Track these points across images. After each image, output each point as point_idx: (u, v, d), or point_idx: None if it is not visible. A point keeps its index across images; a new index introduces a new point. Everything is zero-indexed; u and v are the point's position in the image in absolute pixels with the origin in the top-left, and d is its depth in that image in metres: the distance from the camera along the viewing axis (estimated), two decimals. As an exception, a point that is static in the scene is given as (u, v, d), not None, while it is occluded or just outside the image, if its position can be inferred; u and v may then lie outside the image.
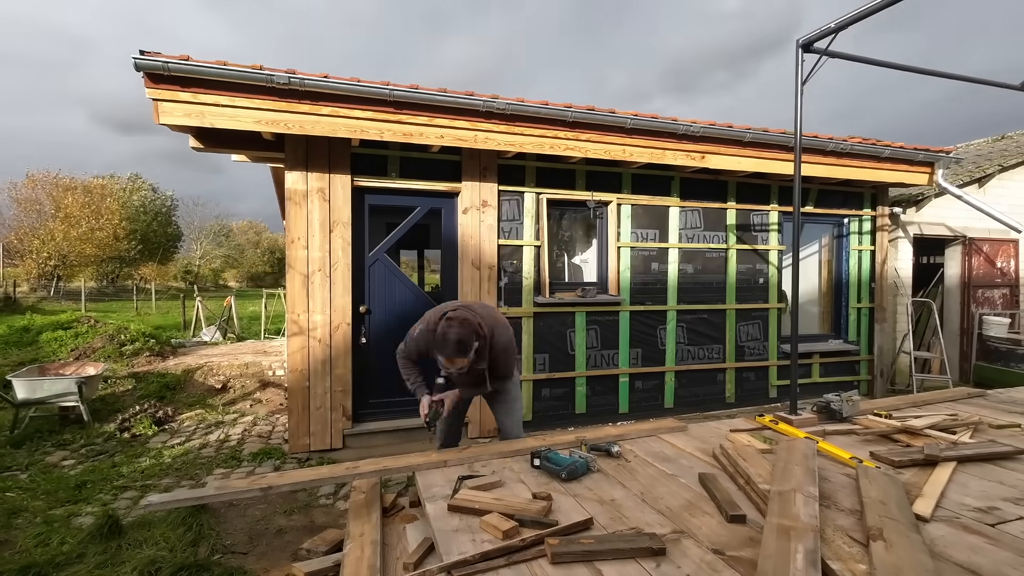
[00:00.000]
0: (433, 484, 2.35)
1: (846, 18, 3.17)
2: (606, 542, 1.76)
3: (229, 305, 11.92)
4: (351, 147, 4.57)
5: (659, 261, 5.61)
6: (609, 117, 4.72)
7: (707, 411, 5.79)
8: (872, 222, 6.60)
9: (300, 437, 4.46)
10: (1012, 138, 9.81)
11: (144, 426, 5.14)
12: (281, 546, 3.04)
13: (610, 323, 5.42)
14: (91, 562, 2.75)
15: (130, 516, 3.32)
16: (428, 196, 4.91)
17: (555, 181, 5.23)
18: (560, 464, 2.40)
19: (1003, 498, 2.14)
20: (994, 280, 7.44)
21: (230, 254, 42.24)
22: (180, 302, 14.73)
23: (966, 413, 3.28)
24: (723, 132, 5.11)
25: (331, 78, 3.96)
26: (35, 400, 4.99)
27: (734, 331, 5.93)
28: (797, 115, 3.46)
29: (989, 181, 7.36)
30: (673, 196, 5.64)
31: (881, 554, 1.63)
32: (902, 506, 1.96)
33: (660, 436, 3.03)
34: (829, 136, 5.52)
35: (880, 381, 6.60)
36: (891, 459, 2.49)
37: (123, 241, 27.86)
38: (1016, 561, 1.68)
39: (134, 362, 7.25)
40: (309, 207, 4.46)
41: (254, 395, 6.34)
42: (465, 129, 4.41)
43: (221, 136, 4.35)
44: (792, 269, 3.71)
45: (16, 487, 3.76)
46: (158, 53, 3.63)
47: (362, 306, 4.70)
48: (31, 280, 24.89)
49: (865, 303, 6.59)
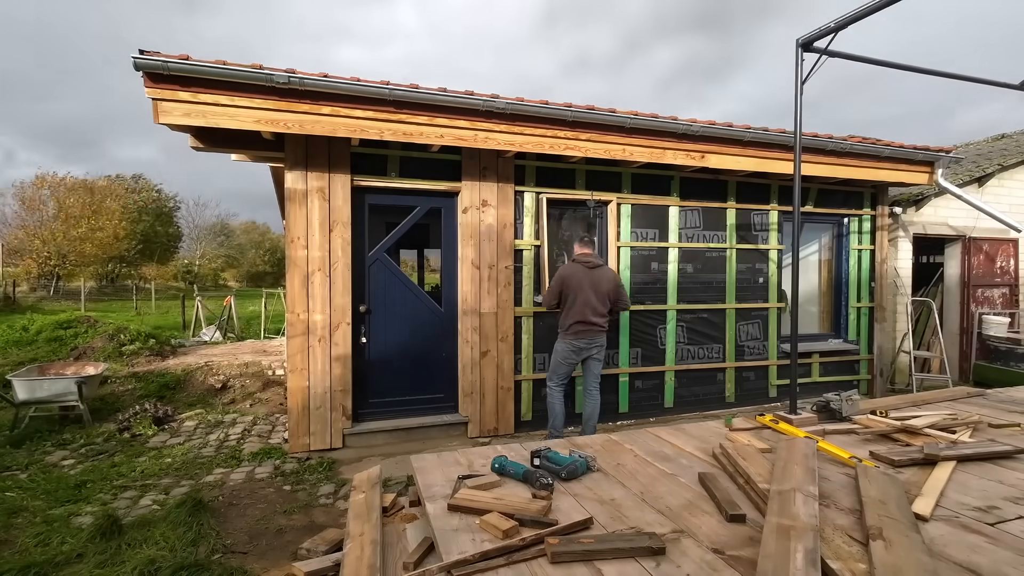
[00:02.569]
0: (433, 483, 2.35)
1: (846, 18, 3.17)
2: (606, 542, 1.76)
3: (229, 305, 11.91)
4: (351, 147, 4.57)
5: (659, 261, 5.61)
6: (609, 117, 4.71)
7: (707, 411, 5.80)
8: (872, 221, 6.60)
9: (300, 437, 4.46)
10: (1012, 138, 9.81)
11: (144, 426, 5.14)
12: (281, 546, 3.04)
13: (610, 322, 5.41)
14: (91, 562, 2.75)
15: (130, 516, 3.32)
16: (428, 196, 4.91)
17: (555, 181, 5.23)
18: (560, 463, 2.40)
19: (1003, 497, 2.14)
20: (994, 279, 7.44)
21: (230, 254, 42.23)
22: (180, 302, 14.72)
23: (966, 412, 3.28)
24: (723, 132, 5.11)
25: (331, 77, 3.96)
26: (35, 400, 4.99)
27: (734, 330, 5.93)
28: (797, 115, 3.46)
29: (989, 181, 7.36)
30: (673, 196, 5.64)
31: (881, 553, 1.63)
32: (901, 505, 1.96)
33: (659, 436, 3.04)
34: (829, 136, 5.52)
35: (880, 380, 6.60)
36: (891, 458, 2.50)
37: (123, 241, 27.87)
38: (1016, 560, 1.68)
39: (134, 362, 7.24)
40: (309, 207, 4.46)
41: (254, 395, 6.34)
42: (465, 129, 4.41)
43: (221, 136, 4.35)
44: (792, 269, 3.70)
45: (16, 487, 3.76)
46: (157, 52, 3.62)
47: (362, 306, 4.70)
48: (31, 280, 24.89)
49: (865, 302, 6.59)
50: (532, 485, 2.25)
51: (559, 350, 4.50)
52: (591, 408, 4.54)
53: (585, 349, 4.43)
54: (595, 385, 4.55)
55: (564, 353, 4.45)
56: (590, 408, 4.54)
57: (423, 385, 4.94)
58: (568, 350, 4.43)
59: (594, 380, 4.55)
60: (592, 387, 4.55)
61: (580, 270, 4.39)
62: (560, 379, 4.50)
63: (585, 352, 4.44)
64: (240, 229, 44.56)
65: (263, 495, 3.70)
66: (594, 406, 4.54)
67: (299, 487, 3.83)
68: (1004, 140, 9.84)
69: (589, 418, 4.54)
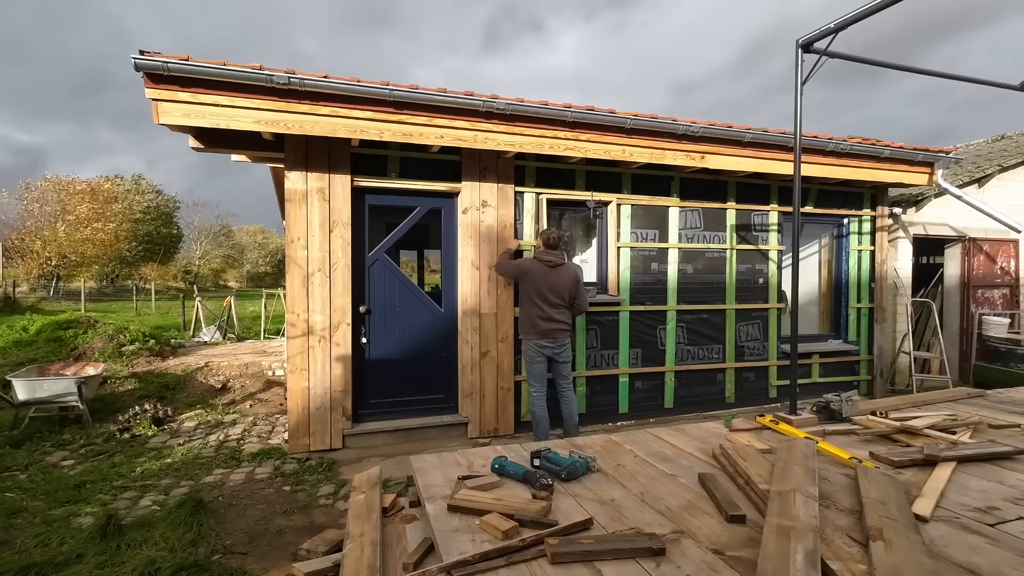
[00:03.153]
0: (433, 484, 2.35)
1: (846, 18, 3.17)
2: (606, 542, 1.76)
3: (229, 305, 11.91)
4: (351, 147, 4.57)
5: (659, 261, 5.61)
6: (609, 117, 4.71)
7: (707, 411, 5.79)
8: (872, 222, 6.60)
9: (300, 437, 4.46)
10: (1012, 138, 9.81)
11: (144, 426, 5.14)
12: (281, 546, 3.04)
13: (610, 323, 5.42)
14: (91, 562, 2.75)
15: (130, 516, 3.32)
16: (428, 196, 4.92)
17: (555, 181, 5.23)
18: (560, 464, 2.40)
19: (1003, 498, 2.14)
20: (994, 280, 7.44)
21: (230, 254, 42.25)
22: (180, 302, 14.72)
23: (966, 413, 3.28)
24: (723, 132, 5.11)
25: (331, 78, 3.96)
26: (35, 400, 4.99)
27: (734, 331, 5.93)
28: (797, 115, 3.46)
29: (989, 181, 7.36)
30: (673, 196, 5.64)
31: (881, 554, 1.63)
32: (901, 506, 1.96)
33: (659, 436, 3.03)
34: (829, 136, 5.52)
35: (880, 381, 6.60)
36: (891, 459, 2.50)
37: (124, 242, 27.89)
38: (1016, 561, 1.68)
39: (134, 362, 7.24)
40: (309, 207, 4.46)
41: (254, 395, 6.34)
42: (465, 129, 4.41)
43: (221, 136, 4.35)
44: (792, 269, 3.70)
45: (16, 487, 3.76)
46: (158, 53, 3.62)
47: (362, 306, 4.70)
48: (31, 280, 24.89)
49: (865, 303, 6.59)
50: (532, 486, 2.25)
51: (524, 351, 4.52)
52: (568, 410, 4.51)
53: (548, 348, 4.38)
54: (567, 386, 4.52)
55: (529, 354, 4.44)
56: (567, 410, 4.51)
57: (423, 386, 4.94)
58: (531, 350, 4.42)
59: (565, 381, 4.52)
60: (564, 388, 4.52)
61: (540, 268, 4.37)
62: (537, 383, 4.45)
63: (548, 352, 4.40)
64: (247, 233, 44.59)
65: (263, 496, 3.70)
66: (570, 408, 4.51)
67: (299, 488, 3.83)
68: (1004, 141, 9.84)
69: (568, 419, 4.51)
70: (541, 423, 4.40)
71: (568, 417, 4.52)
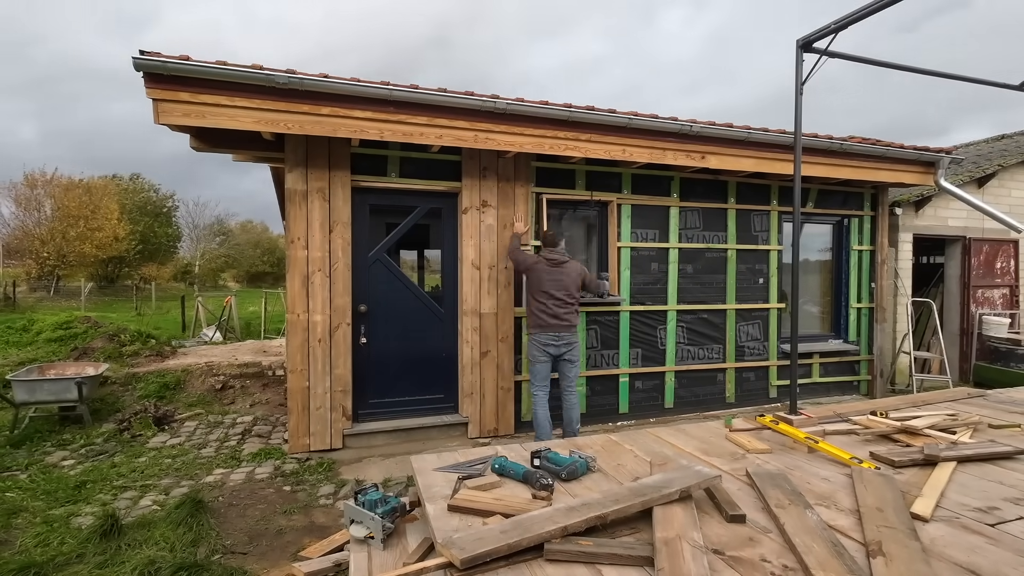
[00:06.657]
0: (433, 484, 2.35)
1: (846, 18, 3.17)
2: (605, 545, 1.76)
3: (229, 305, 11.92)
4: (351, 147, 4.57)
5: (659, 261, 5.61)
6: (609, 117, 4.71)
7: (707, 411, 5.80)
8: (872, 222, 6.60)
9: (300, 437, 4.46)
10: (1012, 138, 9.80)
11: (144, 426, 5.14)
12: (281, 546, 3.04)
13: (610, 323, 5.42)
14: (91, 562, 2.75)
15: (130, 516, 3.32)
16: (428, 196, 4.91)
17: (555, 181, 5.23)
18: (560, 464, 2.40)
19: (1003, 498, 2.14)
20: (994, 280, 7.44)
21: (230, 254, 42.21)
22: (180, 302, 14.73)
23: (966, 413, 3.28)
24: (723, 132, 5.10)
25: (331, 78, 3.96)
26: (35, 400, 4.99)
27: (734, 331, 5.93)
28: (797, 115, 3.46)
29: (989, 181, 7.36)
30: (673, 196, 5.64)
31: (881, 571, 1.61)
32: (899, 510, 1.95)
33: (660, 436, 3.03)
34: (829, 136, 5.52)
35: (880, 381, 6.59)
36: (891, 459, 2.50)
37: (123, 241, 27.85)
38: (1016, 561, 1.68)
39: (134, 362, 7.24)
40: (309, 207, 4.46)
41: (254, 395, 6.34)
42: (465, 129, 4.40)
43: (221, 136, 4.35)
44: (792, 269, 3.71)
45: (16, 487, 3.76)
46: (157, 53, 3.62)
47: (362, 306, 4.70)
48: (30, 280, 24.86)
49: (865, 303, 6.59)
50: (532, 486, 2.24)
51: (528, 350, 4.49)
52: (570, 415, 4.45)
53: (553, 346, 4.33)
54: (571, 389, 4.46)
55: (533, 353, 4.39)
56: (569, 414, 4.46)
57: (423, 385, 4.94)
58: (536, 348, 4.37)
59: (570, 384, 4.46)
60: (569, 391, 4.47)
61: (543, 265, 4.36)
62: (540, 383, 4.39)
63: (554, 350, 4.34)
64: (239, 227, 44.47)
65: (263, 495, 3.70)
66: (573, 412, 4.45)
67: (299, 487, 3.83)
68: (1004, 140, 9.84)
69: (569, 422, 4.45)
70: (543, 426, 4.34)
71: (570, 420, 4.46)
